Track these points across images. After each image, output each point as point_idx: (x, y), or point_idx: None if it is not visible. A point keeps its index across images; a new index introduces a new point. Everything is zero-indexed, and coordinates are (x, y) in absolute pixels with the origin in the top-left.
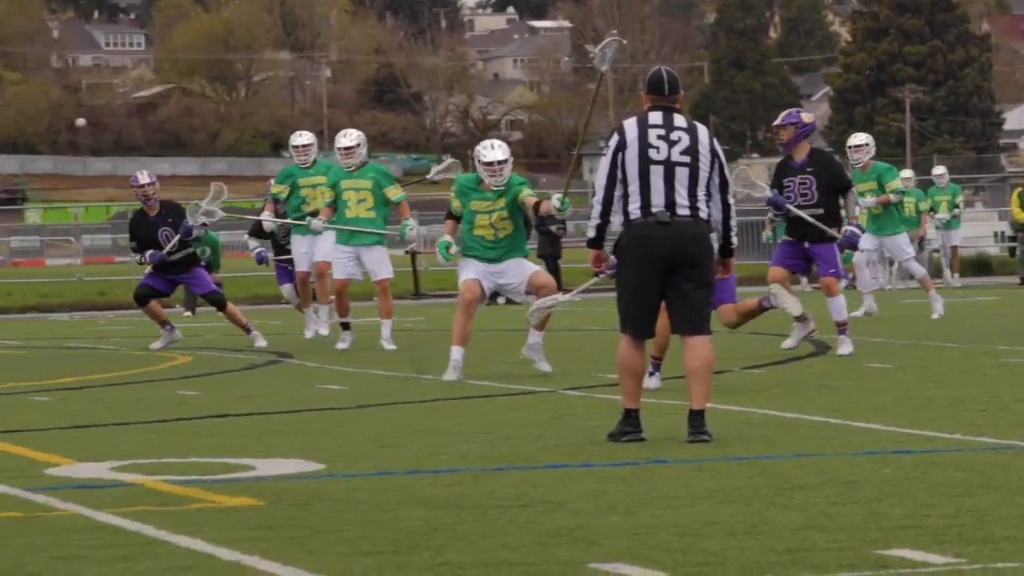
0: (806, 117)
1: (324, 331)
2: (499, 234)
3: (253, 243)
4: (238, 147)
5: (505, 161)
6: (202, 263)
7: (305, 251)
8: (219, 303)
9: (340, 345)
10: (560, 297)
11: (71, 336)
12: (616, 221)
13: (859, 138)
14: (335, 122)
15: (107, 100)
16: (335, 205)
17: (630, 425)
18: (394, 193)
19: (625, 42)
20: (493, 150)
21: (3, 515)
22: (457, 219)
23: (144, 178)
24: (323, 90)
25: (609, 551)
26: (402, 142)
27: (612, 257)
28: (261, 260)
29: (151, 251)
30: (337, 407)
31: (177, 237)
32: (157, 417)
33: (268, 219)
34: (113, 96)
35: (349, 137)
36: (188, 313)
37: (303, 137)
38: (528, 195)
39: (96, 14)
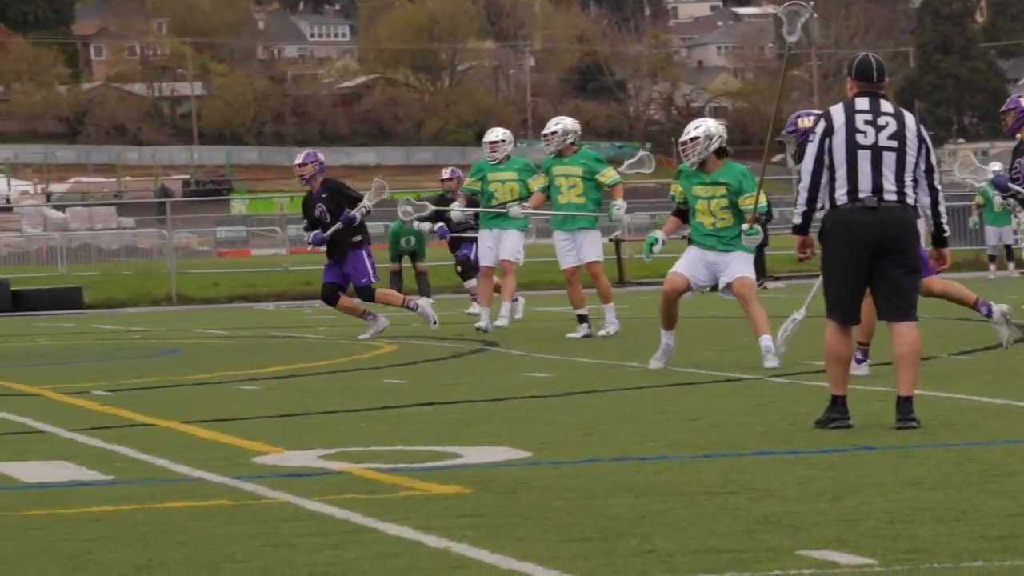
0: None
1: (503, 323)
2: (718, 224)
3: (426, 225)
4: (442, 136)
5: (697, 138)
6: (363, 249)
7: (491, 246)
8: (366, 294)
9: (572, 335)
10: (797, 317)
11: (277, 325)
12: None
13: None
14: (539, 111)
15: (312, 91)
16: (547, 192)
17: (837, 412)
18: (607, 176)
19: (816, 16)
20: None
21: (212, 503)
22: (681, 214)
23: (298, 159)
24: (527, 79)
25: (817, 538)
26: (605, 130)
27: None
28: (443, 235)
29: (314, 232)
30: (543, 395)
31: (337, 224)
32: (364, 405)
33: (458, 209)
34: (318, 87)
35: (554, 124)
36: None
37: (494, 134)
38: (743, 199)
39: (301, 5)
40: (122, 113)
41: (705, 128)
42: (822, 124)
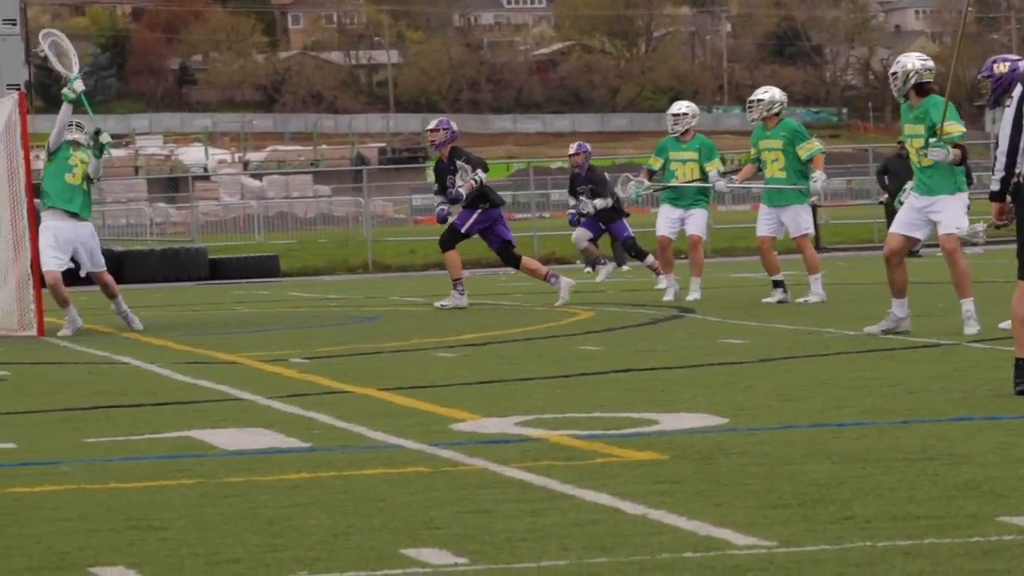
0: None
1: (695, 295)
2: (922, 162)
3: (572, 202)
4: (638, 103)
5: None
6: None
7: (672, 218)
8: (512, 258)
9: (768, 299)
10: (980, 228)
11: (473, 292)
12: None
13: None
14: (735, 76)
15: (508, 58)
16: (758, 164)
17: (1022, 376)
18: (805, 150)
19: None
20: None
21: (411, 470)
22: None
23: (431, 124)
24: (723, 44)
25: (1018, 504)
26: (802, 96)
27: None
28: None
29: (439, 206)
30: (740, 361)
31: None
32: (560, 372)
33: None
34: (514, 54)
35: (762, 92)
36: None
37: (678, 106)
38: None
39: None
40: (319, 81)
41: (902, 64)
42: (1019, 88)
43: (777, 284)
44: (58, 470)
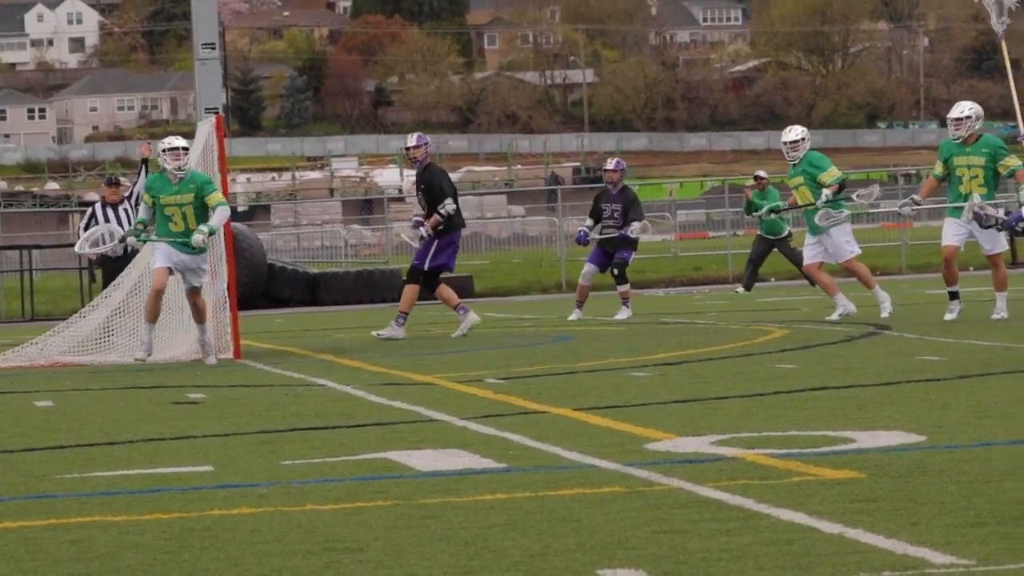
0: None
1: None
2: None
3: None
4: (833, 119)
5: None
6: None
7: (819, 244)
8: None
9: (948, 316)
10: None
11: (667, 311)
12: None
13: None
14: (932, 91)
15: (703, 75)
16: (943, 180)
17: None
18: (1007, 166)
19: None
20: None
21: (606, 490)
22: None
23: (413, 141)
24: (920, 59)
25: None
26: (999, 110)
27: None
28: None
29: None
30: (936, 378)
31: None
32: (756, 391)
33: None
34: (709, 71)
35: (968, 109)
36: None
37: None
38: None
39: None
40: (514, 101)
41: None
42: None
43: (953, 296)
44: (255, 492)
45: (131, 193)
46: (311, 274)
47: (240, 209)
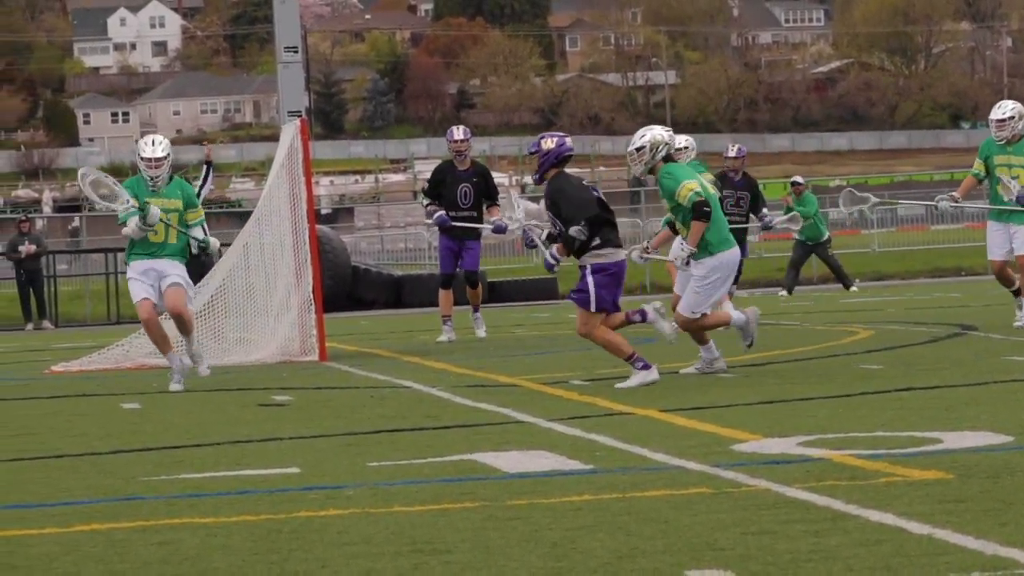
0: None
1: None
2: None
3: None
4: (917, 120)
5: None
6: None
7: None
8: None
9: (1018, 323)
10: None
11: None
12: None
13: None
14: (1015, 92)
15: (786, 76)
16: (981, 179)
17: None
18: None
19: None
20: None
21: (692, 491)
22: None
23: (458, 134)
24: (1003, 60)
25: None
26: None
27: None
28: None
29: (439, 213)
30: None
31: (490, 228)
32: (842, 391)
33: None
34: (792, 72)
35: (1010, 109)
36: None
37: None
38: None
39: None
40: (596, 103)
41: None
42: None
43: (1017, 293)
44: (342, 494)
45: (199, 195)
46: (395, 276)
47: (324, 212)
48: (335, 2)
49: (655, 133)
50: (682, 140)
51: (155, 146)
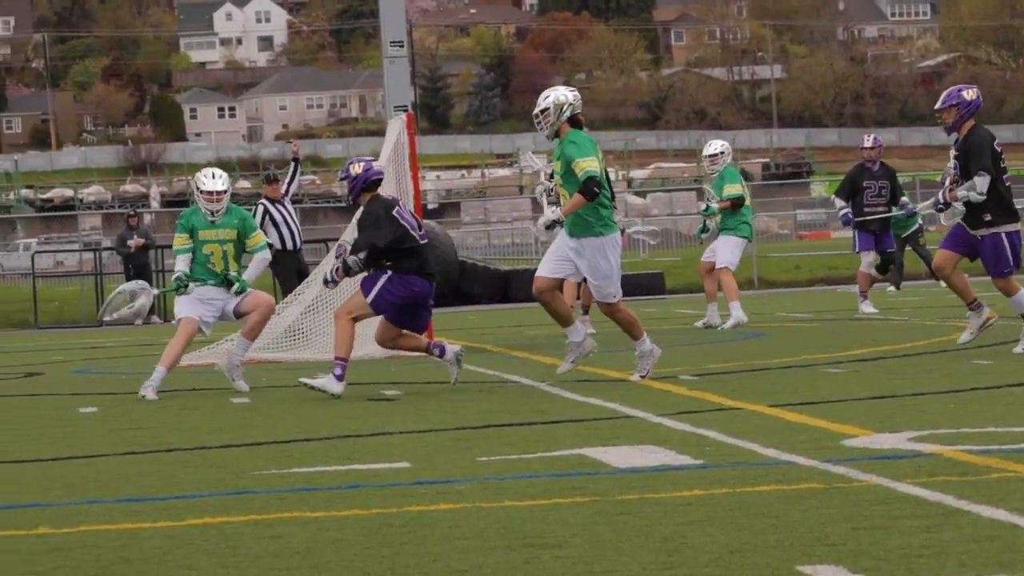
0: (968, 95)
1: None
2: None
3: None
4: None
5: None
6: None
7: None
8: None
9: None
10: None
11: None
12: None
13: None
14: None
15: (892, 70)
16: None
17: None
18: None
19: None
20: None
21: (803, 486)
22: None
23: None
24: None
25: None
26: None
27: None
28: (847, 222)
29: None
30: None
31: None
32: (952, 387)
33: None
34: (898, 66)
35: None
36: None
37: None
38: None
39: None
40: (702, 98)
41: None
42: None
43: None
44: (452, 489)
45: (287, 191)
46: (502, 271)
47: (430, 207)
48: None
49: (559, 93)
50: (717, 146)
51: (216, 179)
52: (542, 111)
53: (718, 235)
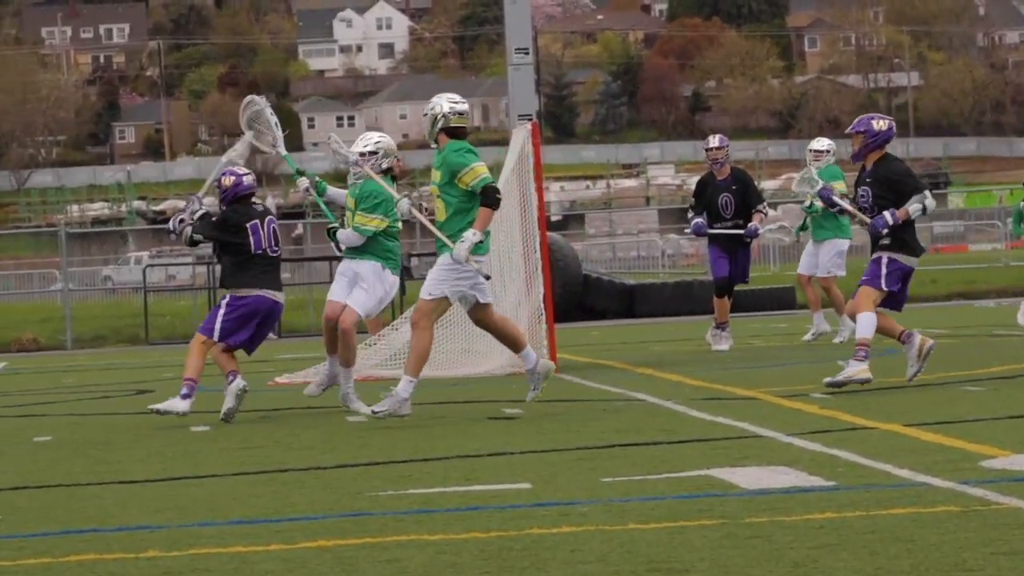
0: (877, 124)
1: None
2: None
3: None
4: None
5: None
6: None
7: None
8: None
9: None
10: None
11: (999, 323)
12: None
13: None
14: None
15: None
16: None
17: None
18: None
19: None
20: None
21: (940, 509)
22: None
23: (713, 142)
24: None
25: None
26: None
27: None
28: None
29: (697, 220)
30: None
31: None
32: None
33: None
34: None
35: None
36: None
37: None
38: None
39: None
40: (836, 105)
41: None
42: None
43: None
44: (575, 511)
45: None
46: (627, 285)
47: (554, 218)
48: (567, 2)
49: (439, 103)
50: (824, 143)
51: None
52: (424, 115)
53: (813, 239)
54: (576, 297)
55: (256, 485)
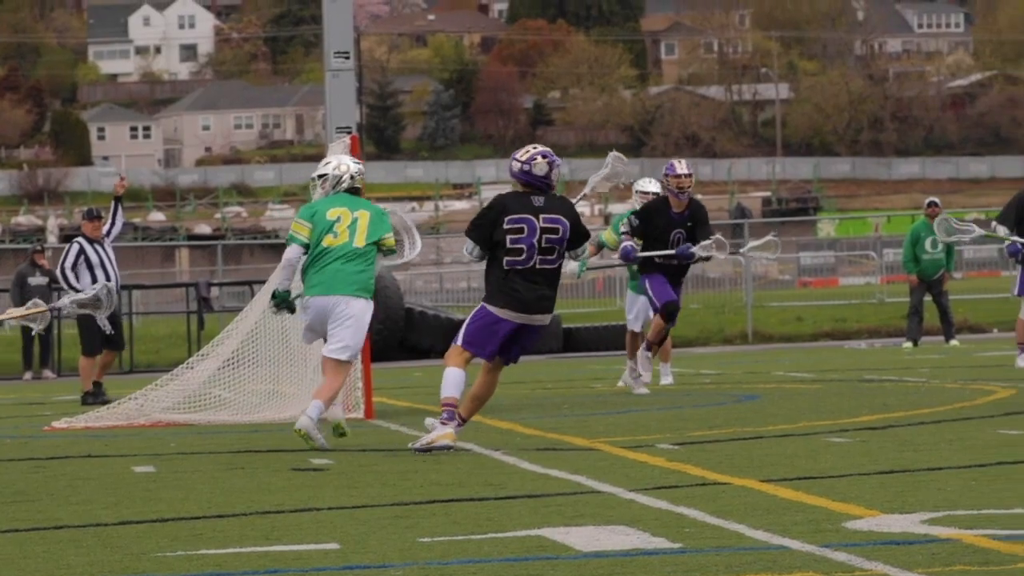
0: None
1: None
2: None
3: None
4: None
5: None
6: None
7: None
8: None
9: None
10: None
11: (871, 367)
12: None
13: None
14: None
15: (917, 91)
16: None
17: None
18: None
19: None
20: None
21: (797, 575)
22: None
23: (681, 168)
24: None
25: None
26: None
27: None
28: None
29: (626, 244)
30: None
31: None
32: (975, 461)
33: None
34: (924, 86)
35: None
36: None
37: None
38: None
39: None
40: (694, 120)
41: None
42: None
43: None
44: (387, 574)
45: (108, 232)
46: (454, 320)
47: None
48: (394, 0)
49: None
50: (654, 185)
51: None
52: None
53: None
54: (397, 334)
55: (28, 544)
